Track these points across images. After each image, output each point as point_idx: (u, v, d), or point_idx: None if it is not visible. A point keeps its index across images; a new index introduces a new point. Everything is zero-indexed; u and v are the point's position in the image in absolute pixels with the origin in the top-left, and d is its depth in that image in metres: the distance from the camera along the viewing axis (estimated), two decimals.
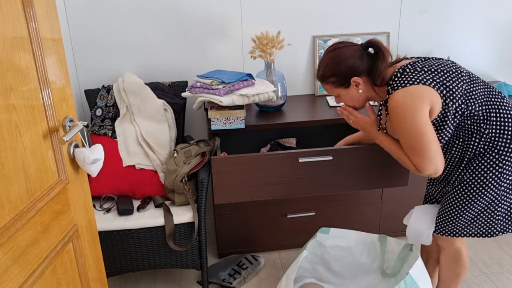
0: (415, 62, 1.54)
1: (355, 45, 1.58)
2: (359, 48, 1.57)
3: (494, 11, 2.57)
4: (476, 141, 1.52)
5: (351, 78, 1.56)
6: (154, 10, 2.30)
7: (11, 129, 0.99)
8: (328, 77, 1.59)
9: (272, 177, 1.95)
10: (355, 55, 1.55)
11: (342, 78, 1.57)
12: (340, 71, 1.55)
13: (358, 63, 1.54)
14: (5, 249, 0.96)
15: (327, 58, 1.59)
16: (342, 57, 1.55)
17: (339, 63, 1.55)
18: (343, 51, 1.56)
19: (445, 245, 1.74)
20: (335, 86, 1.60)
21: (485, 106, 1.51)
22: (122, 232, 1.91)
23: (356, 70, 1.55)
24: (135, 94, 2.16)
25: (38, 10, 1.09)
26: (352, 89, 1.59)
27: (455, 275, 1.77)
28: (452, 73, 1.51)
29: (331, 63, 1.57)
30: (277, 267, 2.32)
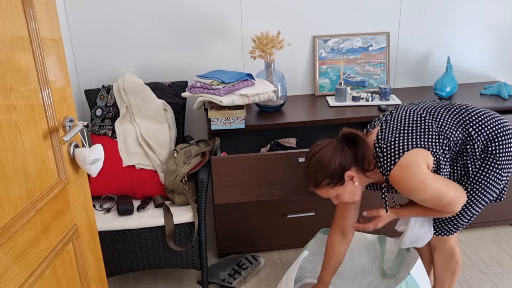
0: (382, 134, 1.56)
1: (331, 142, 1.56)
2: (337, 143, 1.56)
3: (494, 11, 2.57)
4: (471, 158, 1.56)
5: (343, 174, 1.53)
6: (154, 10, 2.30)
7: (11, 129, 0.99)
8: (321, 181, 1.54)
9: (272, 177, 1.95)
10: (337, 151, 1.53)
11: (335, 177, 1.53)
12: (331, 171, 1.52)
13: (343, 157, 1.53)
14: (5, 249, 0.96)
15: (312, 164, 1.55)
16: (327, 158, 1.52)
17: (326, 164, 1.52)
18: (324, 152, 1.53)
19: (439, 245, 1.77)
20: (331, 187, 1.56)
21: (460, 128, 1.55)
22: (122, 232, 1.91)
23: (345, 164, 1.53)
24: (135, 94, 2.16)
25: (38, 10, 1.09)
26: (348, 184, 1.56)
27: (451, 272, 1.80)
28: (417, 125, 1.55)
29: (319, 168, 1.54)
30: (277, 267, 2.32)
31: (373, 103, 2.33)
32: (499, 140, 1.54)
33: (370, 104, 2.33)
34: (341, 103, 2.34)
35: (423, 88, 2.63)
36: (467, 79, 2.70)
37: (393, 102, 2.33)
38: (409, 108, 1.64)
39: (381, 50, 2.51)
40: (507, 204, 2.47)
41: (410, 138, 1.52)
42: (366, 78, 2.54)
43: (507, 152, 1.55)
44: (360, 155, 1.54)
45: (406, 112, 1.61)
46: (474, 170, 1.57)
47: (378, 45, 2.51)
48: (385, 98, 2.35)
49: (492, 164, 1.55)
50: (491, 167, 1.55)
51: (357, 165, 1.55)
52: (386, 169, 1.52)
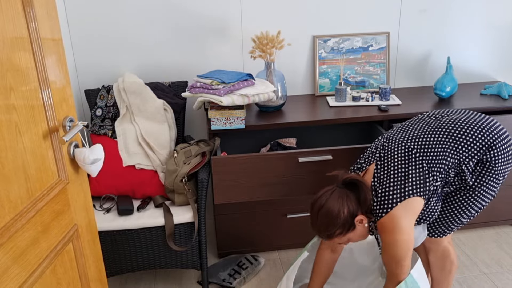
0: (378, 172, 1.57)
1: (333, 190, 1.56)
2: (340, 191, 1.55)
3: (494, 11, 2.57)
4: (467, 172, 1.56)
5: (354, 220, 1.54)
6: (154, 10, 2.30)
7: (11, 129, 0.99)
8: (334, 233, 1.55)
9: (272, 177, 1.95)
10: (343, 200, 1.53)
11: (346, 225, 1.54)
12: (342, 222, 1.52)
13: (350, 205, 1.53)
14: (5, 249, 0.96)
15: (322, 218, 1.54)
16: (336, 210, 1.51)
17: (337, 216, 1.52)
18: (330, 204, 1.52)
19: (433, 246, 1.78)
20: (344, 235, 1.56)
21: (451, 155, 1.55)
22: (122, 232, 1.91)
23: (353, 211, 1.53)
24: (135, 94, 2.16)
25: (38, 10, 1.09)
26: (359, 228, 1.57)
27: (447, 273, 1.81)
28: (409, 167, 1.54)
29: (329, 221, 1.53)
30: (277, 267, 2.32)
31: (373, 103, 2.33)
32: (494, 147, 1.55)
33: (370, 104, 2.33)
34: (341, 103, 2.34)
35: (423, 88, 2.63)
36: (467, 79, 2.70)
37: (393, 102, 2.33)
38: (399, 139, 1.61)
39: (381, 50, 2.51)
40: (507, 204, 2.47)
41: (404, 185, 1.51)
42: (366, 78, 2.54)
43: (503, 157, 1.56)
44: (363, 198, 1.53)
45: (398, 147, 1.59)
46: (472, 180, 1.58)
47: (378, 45, 2.51)
48: (385, 98, 2.35)
49: (490, 172, 1.56)
50: (489, 175, 1.56)
51: (361, 207, 1.55)
52: (378, 215, 1.53)
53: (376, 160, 1.61)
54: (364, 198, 1.53)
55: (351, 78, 2.53)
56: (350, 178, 1.56)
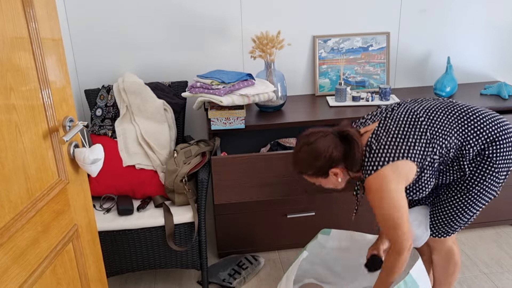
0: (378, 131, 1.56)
1: (327, 134, 1.55)
2: (333, 138, 1.55)
3: (494, 11, 2.57)
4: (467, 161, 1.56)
5: (329, 170, 1.55)
6: (154, 10, 2.30)
7: (11, 129, 0.99)
8: (306, 171, 1.58)
9: (272, 177, 1.95)
10: (330, 146, 1.53)
11: (320, 171, 1.55)
12: (318, 166, 1.54)
13: (334, 154, 1.52)
14: (5, 249, 0.96)
15: (302, 154, 1.55)
16: (318, 152, 1.52)
17: (315, 158, 1.53)
18: (318, 144, 1.53)
19: (437, 246, 1.77)
20: (315, 177, 1.59)
21: (457, 134, 1.54)
22: (122, 232, 1.91)
23: (333, 161, 1.53)
24: (135, 94, 2.16)
25: (38, 10, 1.09)
26: (331, 178, 1.58)
27: (449, 273, 1.80)
28: (412, 131, 1.53)
29: (307, 159, 1.54)
30: (277, 267, 2.32)
31: (373, 103, 2.33)
32: (498, 142, 1.54)
33: (370, 104, 2.33)
34: (341, 103, 2.34)
35: (423, 88, 2.63)
36: (467, 79, 2.70)
37: (393, 102, 2.33)
38: (410, 107, 1.62)
39: (381, 50, 2.51)
40: (507, 204, 2.47)
41: (400, 146, 1.51)
42: (366, 78, 2.54)
43: (504, 155, 1.55)
44: (351, 156, 1.53)
45: (406, 112, 1.60)
46: (470, 173, 1.57)
47: (378, 45, 2.51)
48: (385, 98, 2.35)
49: (489, 168, 1.55)
50: (488, 171, 1.55)
51: (345, 163, 1.56)
52: (367, 171, 1.52)
53: (380, 120, 1.61)
54: (352, 156, 1.53)
55: (351, 78, 2.53)
56: (348, 133, 1.55)
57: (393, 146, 1.52)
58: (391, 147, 1.51)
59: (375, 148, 1.53)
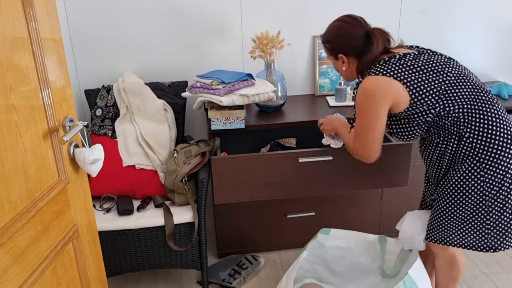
0: (405, 55, 1.56)
1: (362, 26, 1.61)
2: (361, 31, 1.60)
3: (494, 11, 2.57)
4: (455, 143, 1.52)
5: (339, 53, 1.65)
6: (154, 10, 2.30)
7: (11, 129, 0.99)
8: (324, 42, 1.70)
9: (272, 177, 1.95)
10: (355, 36, 1.60)
11: (333, 49, 1.66)
12: (334, 43, 1.65)
13: (352, 43, 1.60)
14: (5, 249, 0.96)
15: (332, 25, 1.67)
16: (342, 32, 1.62)
17: (336, 36, 1.64)
18: (347, 27, 1.62)
19: (439, 252, 1.72)
20: (328, 53, 1.71)
21: (467, 110, 1.49)
22: (122, 232, 1.91)
23: (347, 49, 1.62)
24: (135, 94, 2.16)
25: (38, 10, 1.09)
26: (339, 62, 1.68)
27: (452, 279, 1.77)
28: (434, 72, 1.52)
29: (331, 32, 1.66)
30: (277, 267, 2.32)
31: None
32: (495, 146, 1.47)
33: None
34: (341, 103, 2.34)
35: None
36: None
37: None
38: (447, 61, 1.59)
39: None
40: None
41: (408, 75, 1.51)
42: None
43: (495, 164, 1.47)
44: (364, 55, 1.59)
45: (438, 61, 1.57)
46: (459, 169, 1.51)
47: None
48: None
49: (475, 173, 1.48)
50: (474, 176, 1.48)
51: (357, 59, 1.63)
52: (369, 72, 1.57)
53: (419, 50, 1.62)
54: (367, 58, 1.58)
55: None
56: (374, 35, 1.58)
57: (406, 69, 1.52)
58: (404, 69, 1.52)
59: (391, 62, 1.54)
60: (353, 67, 1.66)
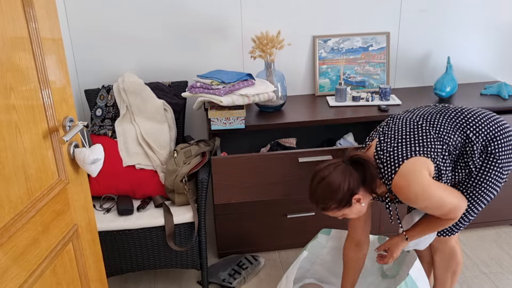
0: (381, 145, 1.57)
1: (338, 164, 1.55)
2: (344, 166, 1.55)
3: (494, 11, 2.57)
4: (471, 159, 1.56)
5: (351, 198, 1.54)
6: (154, 10, 2.30)
7: (11, 129, 0.99)
8: (330, 206, 1.55)
9: (272, 177, 1.95)
10: (345, 176, 1.52)
11: (343, 202, 1.54)
12: (340, 198, 1.53)
13: (351, 182, 1.52)
14: (5, 249, 0.96)
15: (321, 190, 1.54)
16: (336, 184, 1.51)
17: (335, 191, 1.52)
18: (333, 177, 1.52)
19: (440, 246, 1.77)
20: (339, 210, 1.57)
21: (458, 131, 1.56)
22: (122, 232, 1.91)
23: (354, 189, 1.53)
24: (135, 94, 2.16)
25: (38, 10, 1.09)
26: (355, 206, 1.56)
27: (451, 272, 1.80)
28: (415, 133, 1.55)
29: (327, 194, 1.53)
30: (277, 267, 2.32)
31: (373, 103, 2.33)
32: (498, 139, 1.55)
33: (370, 104, 2.33)
34: (341, 103, 2.34)
35: (423, 88, 2.63)
36: (467, 79, 2.70)
37: (393, 102, 2.33)
38: (405, 116, 1.64)
39: (381, 50, 2.51)
40: (507, 204, 2.47)
41: (409, 146, 1.52)
42: (366, 78, 2.54)
43: (506, 150, 1.56)
44: (368, 177, 1.53)
45: (403, 121, 1.62)
46: (475, 170, 1.57)
47: (378, 45, 2.51)
48: (385, 98, 2.35)
49: (493, 164, 1.55)
50: (492, 167, 1.55)
51: (364, 186, 1.55)
52: (388, 179, 1.53)
53: (379, 135, 1.62)
54: (370, 176, 1.53)
55: (351, 78, 2.53)
56: (358, 156, 1.55)
57: (401, 148, 1.53)
58: (399, 149, 1.53)
59: (384, 158, 1.54)
60: (367, 195, 1.58)
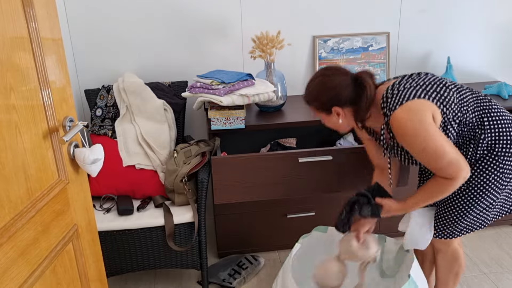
0: (400, 82, 1.55)
1: (345, 74, 1.55)
2: (348, 79, 1.54)
3: (494, 11, 2.57)
4: (474, 148, 1.54)
5: (332, 107, 1.55)
6: (154, 10, 2.30)
7: (11, 129, 0.99)
8: (311, 102, 1.59)
9: (272, 177, 1.95)
10: (342, 85, 1.52)
11: (324, 105, 1.56)
12: (323, 99, 1.55)
13: (343, 93, 1.52)
14: (5, 249, 0.96)
15: (315, 83, 1.57)
16: (328, 86, 1.53)
17: (323, 91, 1.54)
18: (331, 79, 1.53)
19: (442, 247, 1.75)
20: (318, 111, 1.60)
21: (477, 113, 1.54)
22: (122, 232, 1.91)
23: (339, 100, 1.53)
24: (135, 94, 2.16)
25: (38, 10, 1.09)
26: (333, 117, 1.58)
27: (453, 274, 1.79)
28: (438, 85, 1.53)
29: (316, 90, 1.56)
30: (277, 267, 2.32)
31: None
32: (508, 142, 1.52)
33: None
34: None
35: None
36: (467, 79, 2.70)
37: None
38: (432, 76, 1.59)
39: (381, 50, 2.51)
40: None
41: (425, 91, 1.48)
42: None
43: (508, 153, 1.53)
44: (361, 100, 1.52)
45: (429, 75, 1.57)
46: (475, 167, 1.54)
47: (378, 45, 2.51)
48: None
49: (494, 166, 1.53)
50: (494, 170, 1.53)
51: (352, 106, 1.55)
52: (390, 109, 1.48)
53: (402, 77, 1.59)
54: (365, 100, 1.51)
55: None
56: (362, 78, 1.53)
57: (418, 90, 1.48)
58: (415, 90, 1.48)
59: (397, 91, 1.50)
60: (349, 117, 1.58)
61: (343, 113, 1.55)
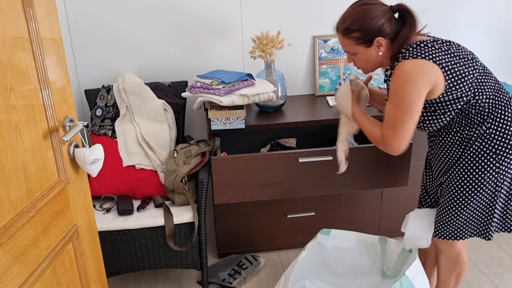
0: (435, 40, 1.50)
1: (385, 5, 1.49)
2: (389, 10, 1.49)
3: (495, 11, 2.57)
4: (475, 133, 1.51)
5: (376, 37, 1.48)
6: (154, 10, 2.30)
7: (11, 129, 0.99)
8: (353, 31, 1.49)
9: (272, 177, 1.95)
10: (385, 16, 1.47)
11: (367, 35, 1.48)
12: (367, 28, 1.47)
13: (386, 24, 1.47)
14: (5, 249, 0.96)
15: (357, 11, 1.48)
16: (373, 14, 1.46)
17: (369, 19, 1.46)
18: (374, 8, 1.47)
19: (445, 248, 1.73)
20: (357, 43, 1.51)
21: (492, 101, 1.49)
22: (122, 232, 1.91)
23: (383, 31, 1.47)
24: (135, 94, 2.16)
25: (38, 10, 1.09)
26: (373, 50, 1.51)
27: (455, 275, 1.78)
28: (466, 60, 1.48)
29: (359, 17, 1.47)
30: (277, 267, 2.32)
31: None
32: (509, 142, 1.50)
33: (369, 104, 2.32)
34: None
35: None
36: None
37: None
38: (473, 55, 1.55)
39: None
40: None
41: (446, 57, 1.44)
42: None
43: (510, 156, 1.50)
44: (403, 35, 1.47)
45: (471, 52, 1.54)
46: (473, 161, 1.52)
47: None
48: None
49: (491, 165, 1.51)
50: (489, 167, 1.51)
51: (392, 41, 1.50)
52: (404, 56, 1.45)
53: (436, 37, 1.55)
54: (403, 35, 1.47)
55: None
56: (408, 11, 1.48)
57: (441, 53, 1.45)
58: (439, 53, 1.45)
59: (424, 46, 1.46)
60: (388, 51, 1.51)
61: (385, 44, 1.49)
